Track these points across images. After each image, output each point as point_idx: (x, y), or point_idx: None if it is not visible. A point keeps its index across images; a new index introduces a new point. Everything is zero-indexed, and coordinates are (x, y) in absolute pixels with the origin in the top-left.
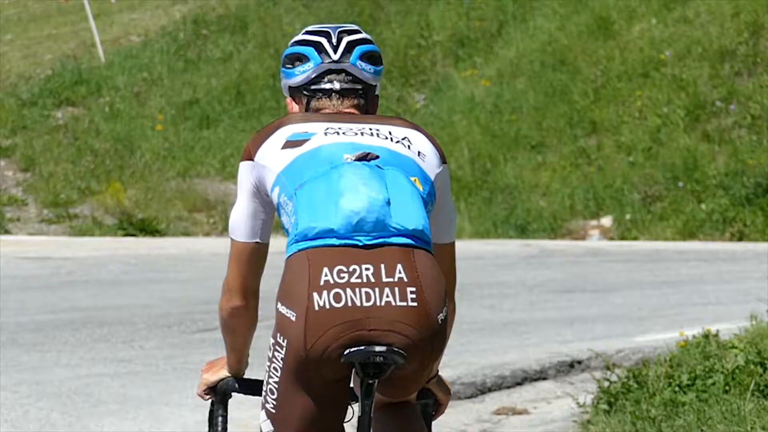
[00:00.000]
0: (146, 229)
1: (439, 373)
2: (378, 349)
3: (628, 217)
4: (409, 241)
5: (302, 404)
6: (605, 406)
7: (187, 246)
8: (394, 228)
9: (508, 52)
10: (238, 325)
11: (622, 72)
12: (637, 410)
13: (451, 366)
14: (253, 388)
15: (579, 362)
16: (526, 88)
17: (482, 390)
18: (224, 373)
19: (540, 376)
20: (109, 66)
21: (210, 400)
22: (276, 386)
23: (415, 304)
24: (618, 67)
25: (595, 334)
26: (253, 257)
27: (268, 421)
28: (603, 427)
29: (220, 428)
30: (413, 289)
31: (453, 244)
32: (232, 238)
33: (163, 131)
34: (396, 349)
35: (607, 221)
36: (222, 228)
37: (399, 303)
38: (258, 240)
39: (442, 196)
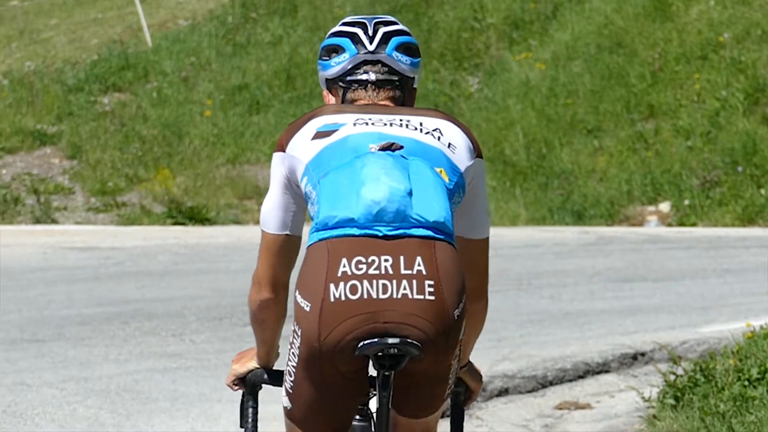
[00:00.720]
0: (195, 217)
1: (471, 360)
2: (392, 340)
3: (686, 202)
4: (430, 233)
5: (313, 393)
6: (671, 401)
7: (237, 234)
8: (415, 219)
9: (564, 35)
10: (268, 317)
11: (679, 54)
12: (705, 405)
13: (510, 359)
14: (283, 379)
15: (642, 354)
16: (582, 72)
17: (543, 384)
18: (253, 364)
19: (602, 368)
20: (156, 50)
21: (240, 392)
22: (293, 370)
23: (432, 297)
24: (676, 50)
25: (658, 325)
26: (284, 249)
27: (286, 398)
28: (670, 423)
29: (250, 419)
30: (431, 282)
31: (486, 240)
32: (262, 230)
33: (211, 117)
34: (410, 341)
35: (665, 207)
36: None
37: (416, 296)
38: (288, 232)
39: (474, 189)
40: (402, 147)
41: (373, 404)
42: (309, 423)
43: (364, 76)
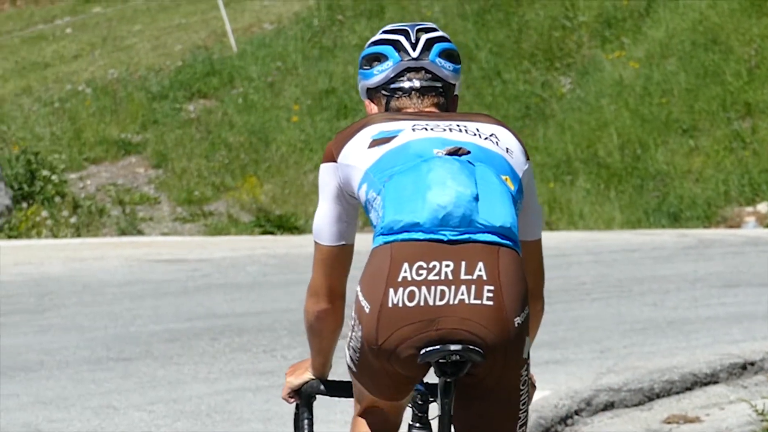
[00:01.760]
0: (284, 225)
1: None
2: (453, 347)
3: None
4: (495, 238)
5: (374, 378)
6: None
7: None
8: (480, 224)
9: (657, 32)
10: (325, 327)
11: None
12: None
13: (615, 371)
14: (338, 389)
15: (752, 363)
16: (676, 70)
17: (650, 396)
18: (308, 375)
19: (711, 379)
20: (242, 55)
21: (295, 404)
22: (357, 351)
23: (490, 303)
24: None
25: (767, 332)
26: (339, 260)
27: (351, 363)
28: None
29: (306, 431)
30: (491, 287)
31: (539, 241)
32: (316, 242)
33: (299, 122)
34: (471, 346)
35: (763, 207)
36: (362, 223)
37: (473, 301)
38: (343, 242)
39: (528, 192)
40: (469, 152)
41: (432, 411)
42: (372, 391)
43: (407, 84)
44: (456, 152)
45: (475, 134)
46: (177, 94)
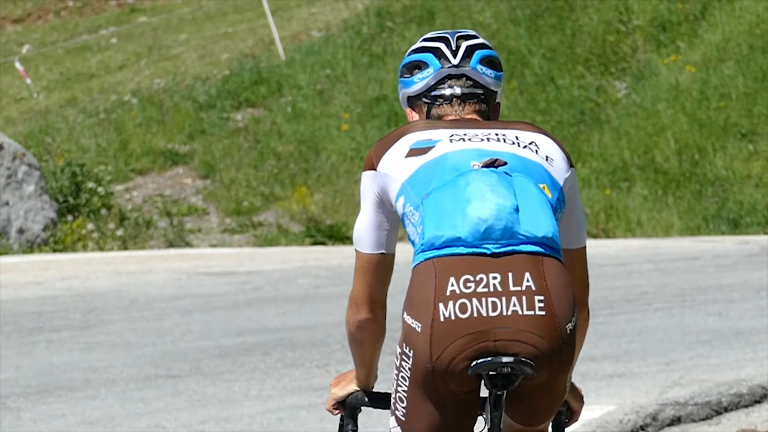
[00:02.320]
0: (335, 236)
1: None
2: (505, 359)
3: None
4: (538, 248)
5: (430, 414)
6: None
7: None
8: (522, 236)
9: (714, 36)
10: (366, 338)
11: None
12: None
13: (681, 384)
14: (383, 401)
15: None
16: (734, 74)
17: (718, 410)
18: (353, 387)
19: None
20: (290, 63)
21: (339, 415)
22: (405, 395)
23: (543, 313)
24: None
25: None
26: (380, 269)
27: (398, 428)
28: None
29: None
30: (541, 297)
31: (584, 249)
32: (357, 250)
33: (349, 131)
34: (523, 359)
35: None
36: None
37: (526, 312)
38: (383, 251)
39: (571, 200)
40: (506, 163)
41: (478, 425)
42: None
43: (448, 91)
44: (492, 164)
45: (513, 143)
46: (224, 103)
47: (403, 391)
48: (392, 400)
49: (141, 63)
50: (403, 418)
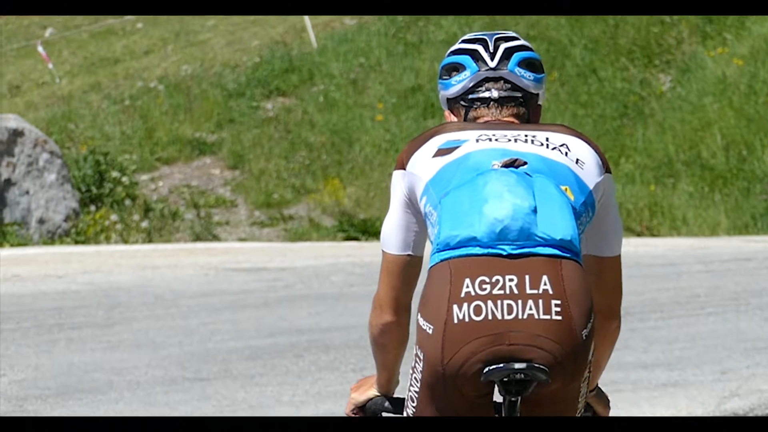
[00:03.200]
0: (369, 230)
1: (599, 385)
2: (518, 366)
3: None
4: (556, 251)
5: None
6: None
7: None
8: (540, 238)
9: (762, 28)
10: (390, 341)
11: None
12: None
13: (739, 395)
14: (403, 407)
15: None
16: None
17: None
18: (373, 392)
19: None
20: (322, 51)
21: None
22: (416, 396)
23: (559, 317)
24: None
25: None
26: (406, 271)
27: None
28: None
29: None
30: (558, 302)
31: (617, 258)
32: (383, 251)
33: (383, 122)
34: (537, 365)
35: None
36: None
37: (542, 316)
38: (410, 252)
39: (604, 206)
40: (525, 163)
41: None
42: None
43: (486, 94)
44: (512, 164)
45: (542, 144)
46: (254, 91)
47: (415, 392)
48: (406, 397)
49: (168, 48)
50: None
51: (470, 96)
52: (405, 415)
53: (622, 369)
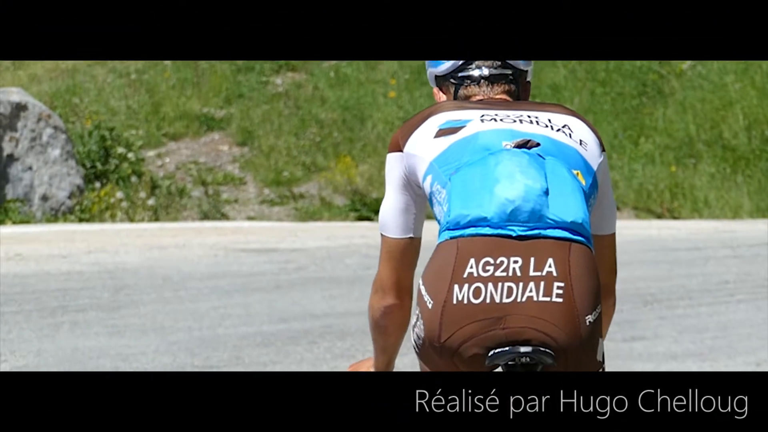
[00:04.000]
0: None
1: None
2: (523, 349)
3: None
4: (566, 234)
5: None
6: None
7: (434, 231)
8: (550, 219)
9: None
10: (391, 323)
11: None
12: None
13: None
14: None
15: None
16: None
17: None
18: None
19: None
20: None
21: None
22: (420, 337)
23: (560, 300)
24: None
25: None
26: (407, 253)
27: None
28: None
29: None
30: (561, 284)
31: (613, 235)
32: (382, 234)
33: (396, 98)
34: (542, 348)
35: None
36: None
37: (542, 298)
38: (411, 235)
39: (602, 185)
40: (538, 144)
41: None
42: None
43: (476, 72)
44: (525, 144)
45: (546, 125)
46: (264, 66)
47: (419, 335)
48: (412, 325)
49: None
50: (418, 352)
51: (460, 74)
52: (412, 340)
53: (652, 360)
